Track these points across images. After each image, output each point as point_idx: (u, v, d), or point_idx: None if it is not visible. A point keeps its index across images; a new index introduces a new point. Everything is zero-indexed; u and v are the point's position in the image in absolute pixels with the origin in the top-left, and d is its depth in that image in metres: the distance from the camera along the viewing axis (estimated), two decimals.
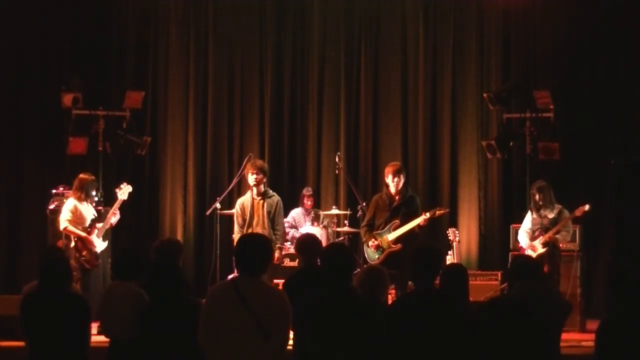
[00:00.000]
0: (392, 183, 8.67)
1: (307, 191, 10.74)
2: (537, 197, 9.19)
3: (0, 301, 8.62)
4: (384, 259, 8.57)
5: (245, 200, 9.09)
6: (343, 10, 11.54)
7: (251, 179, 8.97)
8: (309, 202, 10.65)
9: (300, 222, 10.49)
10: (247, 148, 11.18)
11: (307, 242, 6.47)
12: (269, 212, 8.97)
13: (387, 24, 11.50)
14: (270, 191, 9.14)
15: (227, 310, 4.67)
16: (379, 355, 4.65)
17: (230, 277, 6.77)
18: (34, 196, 10.86)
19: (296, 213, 10.59)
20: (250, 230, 8.93)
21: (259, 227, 8.92)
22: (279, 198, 9.13)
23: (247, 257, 4.77)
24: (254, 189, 8.99)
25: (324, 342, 4.68)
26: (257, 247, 4.84)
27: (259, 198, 8.99)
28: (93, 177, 9.28)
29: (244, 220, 9.00)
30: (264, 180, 9.01)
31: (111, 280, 6.78)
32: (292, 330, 4.88)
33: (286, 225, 10.31)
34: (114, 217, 9.18)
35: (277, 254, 8.97)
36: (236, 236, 8.97)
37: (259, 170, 8.96)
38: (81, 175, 9.17)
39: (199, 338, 4.76)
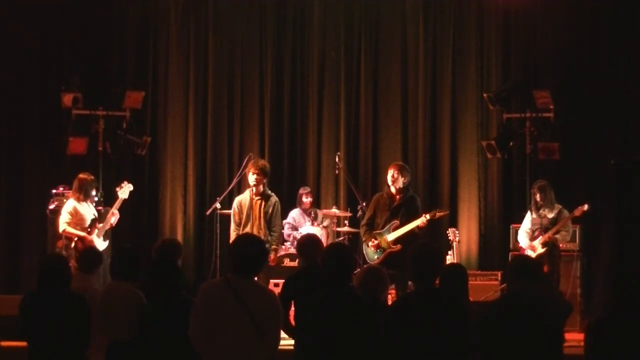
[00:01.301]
0: (390, 179, 8.66)
1: (303, 190, 10.72)
2: (537, 196, 9.20)
3: (0, 301, 8.62)
4: (383, 259, 8.56)
5: (243, 199, 9.11)
6: (343, 10, 11.54)
7: (252, 178, 8.99)
8: (307, 200, 10.61)
9: (300, 223, 10.49)
10: (247, 148, 11.18)
11: (307, 243, 6.47)
12: (265, 213, 8.99)
13: (387, 24, 11.50)
14: (269, 192, 9.16)
15: (222, 307, 4.71)
16: (379, 356, 4.65)
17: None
18: (34, 196, 10.86)
19: (295, 214, 10.58)
20: (245, 230, 8.96)
21: (255, 227, 8.94)
22: (277, 199, 9.15)
23: (243, 258, 4.80)
24: (253, 188, 9.01)
25: (324, 342, 4.68)
26: (255, 248, 4.88)
27: (257, 198, 9.01)
28: (92, 177, 9.29)
29: (240, 219, 9.02)
30: (264, 181, 9.02)
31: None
32: (293, 331, 4.90)
33: (287, 226, 10.33)
34: (113, 217, 9.19)
35: (272, 256, 8.99)
36: (232, 234, 9.00)
37: (260, 171, 8.98)
38: (80, 175, 9.18)
39: (189, 332, 4.78)
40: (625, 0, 10.79)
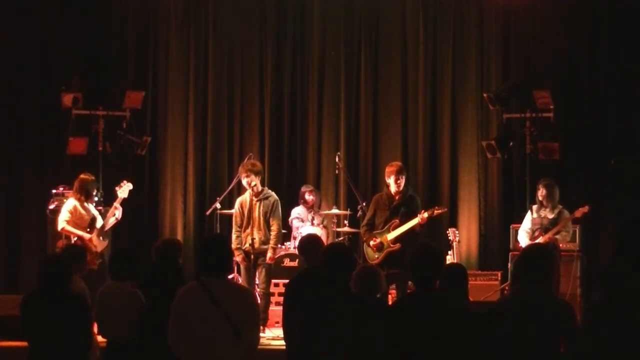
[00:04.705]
0: (394, 184, 8.64)
1: (306, 187, 10.71)
2: (542, 192, 9.19)
3: (0, 301, 8.62)
4: (383, 259, 8.56)
5: (243, 200, 9.15)
6: (343, 10, 11.54)
7: (244, 182, 9.06)
8: (310, 197, 10.59)
9: (305, 220, 10.46)
10: (247, 148, 11.19)
11: (308, 243, 6.47)
12: (265, 213, 9.02)
13: (387, 24, 11.50)
14: (267, 191, 9.18)
15: (198, 310, 4.71)
16: (379, 356, 4.65)
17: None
18: (34, 196, 10.86)
19: (301, 210, 10.54)
20: (247, 231, 8.97)
21: (255, 228, 8.98)
22: (277, 198, 9.17)
23: (212, 258, 4.80)
24: (251, 190, 9.04)
25: (324, 343, 4.68)
26: (220, 247, 4.90)
27: (257, 199, 9.02)
28: (93, 178, 9.29)
29: (242, 220, 9.05)
30: (257, 180, 9.00)
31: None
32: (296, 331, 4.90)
33: (296, 221, 10.32)
34: (117, 211, 9.21)
35: (270, 254, 9.00)
36: (233, 237, 9.01)
37: (250, 172, 8.98)
38: (82, 176, 9.18)
39: (169, 341, 4.77)
40: (624, 0, 10.79)
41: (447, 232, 9.47)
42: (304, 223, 10.28)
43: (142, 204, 11.13)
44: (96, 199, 9.51)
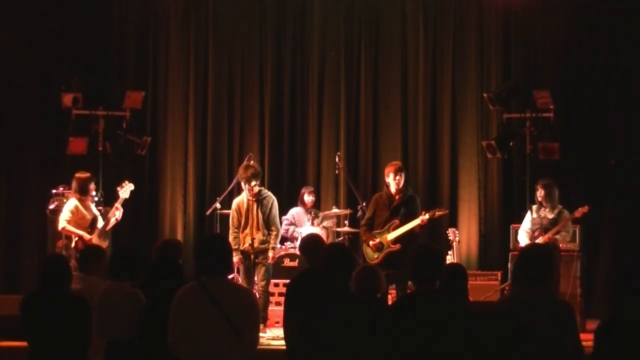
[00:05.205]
0: (393, 182, 8.63)
1: (306, 189, 10.72)
2: (541, 192, 9.18)
3: (0, 301, 8.62)
4: (382, 259, 8.55)
5: (240, 201, 9.14)
6: (343, 10, 11.55)
7: (244, 187, 9.03)
8: (309, 198, 10.59)
9: (300, 221, 10.47)
10: (247, 148, 11.20)
11: (310, 243, 6.47)
12: (263, 213, 9.01)
13: (387, 24, 11.51)
14: (265, 191, 9.17)
15: (198, 311, 4.71)
16: (379, 356, 4.65)
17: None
18: (34, 196, 10.87)
19: (296, 212, 10.58)
20: (245, 232, 8.97)
21: (254, 229, 8.97)
22: (274, 198, 9.16)
23: (211, 259, 4.80)
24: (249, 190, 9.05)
25: (325, 343, 4.68)
26: (220, 248, 4.89)
27: (253, 199, 9.02)
28: (88, 174, 9.26)
29: (239, 221, 9.04)
30: (254, 182, 8.97)
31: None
32: (297, 331, 4.89)
33: (286, 222, 10.32)
34: (117, 212, 9.20)
35: (272, 254, 9.00)
36: (231, 237, 8.99)
37: (249, 178, 8.94)
38: (77, 175, 9.18)
39: (169, 341, 4.77)
40: (624, 0, 10.79)
41: (447, 232, 9.46)
42: (295, 227, 10.27)
43: (142, 204, 11.13)
44: (96, 199, 9.51)
